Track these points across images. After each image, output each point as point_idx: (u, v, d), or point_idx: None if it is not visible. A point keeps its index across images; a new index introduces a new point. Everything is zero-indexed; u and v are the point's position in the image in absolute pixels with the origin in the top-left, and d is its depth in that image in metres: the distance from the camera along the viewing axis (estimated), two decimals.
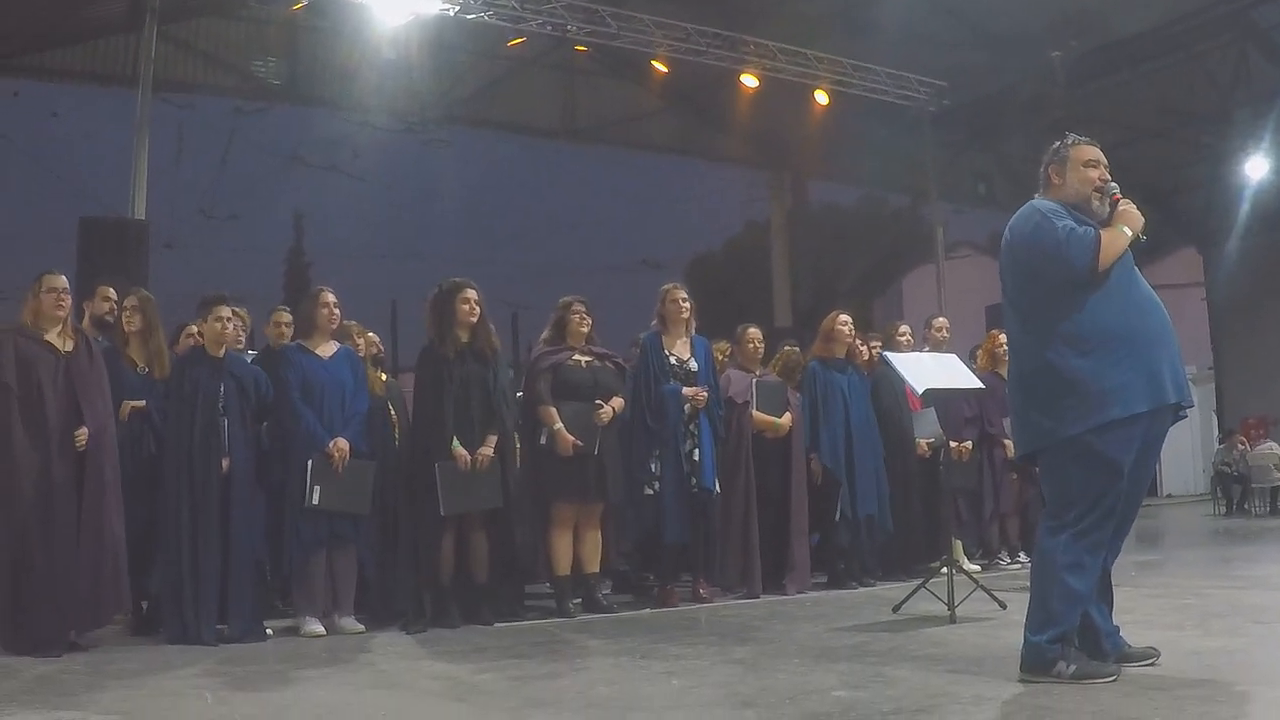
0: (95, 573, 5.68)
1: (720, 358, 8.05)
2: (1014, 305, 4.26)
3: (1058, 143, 4.37)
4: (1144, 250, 4.17)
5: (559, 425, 6.87)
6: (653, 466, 7.26)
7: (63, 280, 5.99)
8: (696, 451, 7.30)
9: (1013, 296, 4.26)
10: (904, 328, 9.09)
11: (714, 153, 21.36)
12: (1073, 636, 4.02)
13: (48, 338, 5.86)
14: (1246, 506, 18.47)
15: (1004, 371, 8.58)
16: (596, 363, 7.24)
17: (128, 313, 6.63)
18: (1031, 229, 4.14)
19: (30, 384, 5.72)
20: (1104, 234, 4.06)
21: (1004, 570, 8.75)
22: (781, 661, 4.85)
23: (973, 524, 8.97)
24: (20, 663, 5.25)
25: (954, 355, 7.43)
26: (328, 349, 6.63)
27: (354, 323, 7.16)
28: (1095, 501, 3.99)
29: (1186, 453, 25.11)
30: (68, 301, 5.98)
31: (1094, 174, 4.24)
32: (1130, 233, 4.11)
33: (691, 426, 7.33)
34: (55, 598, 5.58)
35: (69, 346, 5.90)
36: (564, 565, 6.96)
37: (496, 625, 6.42)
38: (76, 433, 5.74)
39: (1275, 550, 10.86)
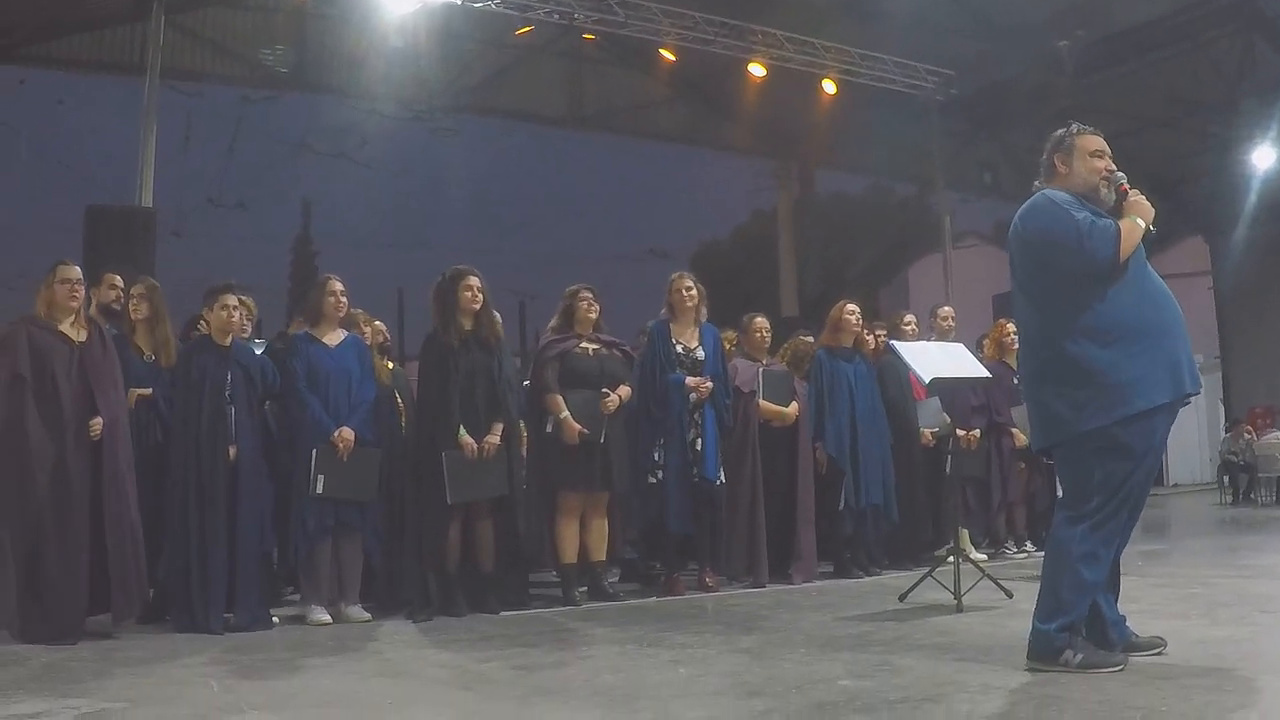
0: (120, 560, 5.70)
1: (727, 347, 8.04)
2: (1026, 293, 4.23)
3: (1061, 131, 4.34)
4: (1150, 240, 4.16)
5: (565, 413, 6.87)
6: (656, 455, 7.26)
7: (76, 271, 6.00)
8: (700, 441, 7.30)
9: (1024, 284, 4.23)
10: (909, 317, 9.06)
11: (721, 141, 21.33)
12: (1080, 626, 4.02)
13: (61, 328, 5.86)
14: (1253, 496, 18.41)
15: (1011, 360, 8.58)
16: (604, 351, 7.23)
17: (134, 301, 6.65)
18: (1048, 220, 4.11)
19: (44, 375, 5.73)
20: (1121, 225, 4.05)
21: (1010, 559, 8.74)
22: (788, 650, 4.85)
23: (980, 513, 8.98)
24: (29, 650, 5.27)
25: (960, 344, 7.41)
26: (335, 337, 6.63)
27: (361, 311, 7.15)
28: (1114, 492, 3.99)
29: (1193, 442, 25.06)
30: (81, 292, 5.99)
31: (1100, 164, 4.23)
32: (1143, 224, 4.10)
33: (695, 416, 7.33)
34: (69, 587, 5.59)
35: (82, 337, 5.91)
36: (570, 554, 6.97)
37: (502, 614, 6.42)
38: (91, 423, 5.75)
39: None
